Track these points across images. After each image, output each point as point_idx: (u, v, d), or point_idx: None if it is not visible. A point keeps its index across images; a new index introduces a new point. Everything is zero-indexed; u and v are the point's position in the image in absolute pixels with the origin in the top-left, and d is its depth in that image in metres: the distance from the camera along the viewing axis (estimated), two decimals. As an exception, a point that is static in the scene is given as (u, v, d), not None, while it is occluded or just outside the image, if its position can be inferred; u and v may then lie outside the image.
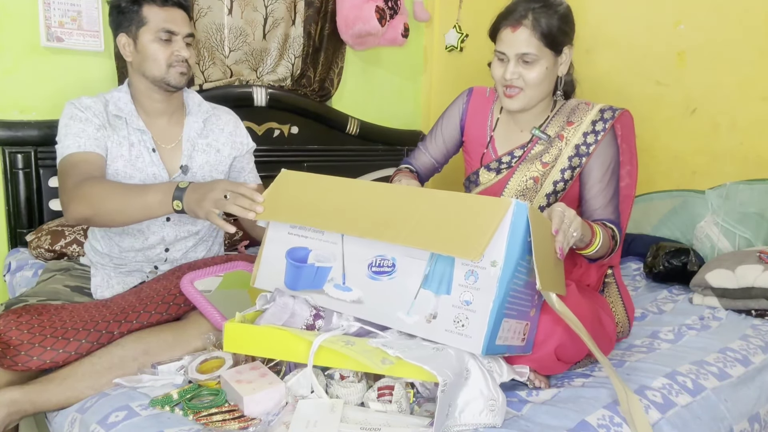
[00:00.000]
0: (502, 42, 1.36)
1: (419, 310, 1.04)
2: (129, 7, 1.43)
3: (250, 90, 2.40)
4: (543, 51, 1.33)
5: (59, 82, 2.05)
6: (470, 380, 1.02)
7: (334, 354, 1.03)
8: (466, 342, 0.99)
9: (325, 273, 1.15)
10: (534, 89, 1.37)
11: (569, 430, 1.03)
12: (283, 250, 1.20)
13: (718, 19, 2.11)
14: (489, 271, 0.98)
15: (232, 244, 2.07)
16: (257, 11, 2.46)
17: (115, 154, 1.47)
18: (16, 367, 1.18)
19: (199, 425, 1.03)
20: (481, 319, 0.98)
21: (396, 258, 1.07)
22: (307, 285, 1.17)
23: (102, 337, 1.25)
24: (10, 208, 2.00)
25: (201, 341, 1.30)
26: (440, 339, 1.02)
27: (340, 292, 1.13)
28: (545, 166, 1.41)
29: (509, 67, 1.36)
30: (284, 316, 1.13)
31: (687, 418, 1.15)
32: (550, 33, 1.32)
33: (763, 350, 1.47)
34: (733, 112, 2.10)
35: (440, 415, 0.94)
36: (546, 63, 1.35)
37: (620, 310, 1.46)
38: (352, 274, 1.12)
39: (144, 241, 1.52)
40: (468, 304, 1.00)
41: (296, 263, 1.18)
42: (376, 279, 1.09)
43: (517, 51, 1.34)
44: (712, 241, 2.09)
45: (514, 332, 1.06)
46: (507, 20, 1.35)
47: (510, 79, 1.36)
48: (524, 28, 1.32)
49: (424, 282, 1.04)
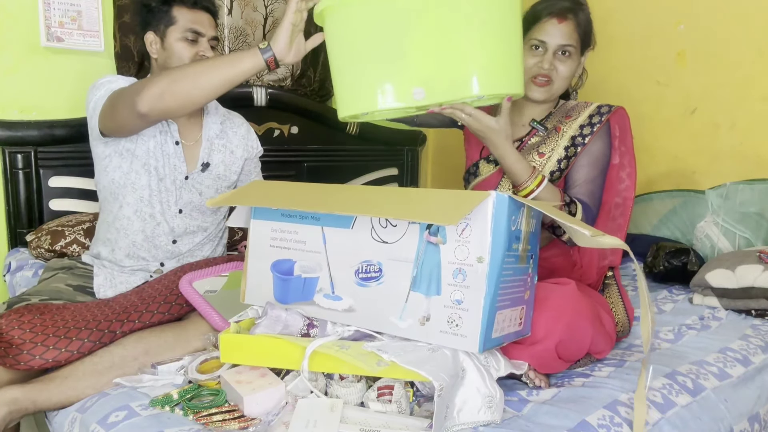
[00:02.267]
0: (545, 31, 1.37)
1: (411, 313, 1.03)
2: (159, 7, 1.50)
3: (250, 90, 2.40)
4: (577, 47, 1.39)
5: (59, 82, 2.05)
6: (466, 379, 1.01)
7: (329, 358, 1.04)
8: (462, 342, 0.99)
9: (313, 283, 1.14)
10: (562, 82, 1.41)
11: (569, 430, 1.03)
12: (267, 263, 1.20)
13: (718, 19, 2.11)
14: (476, 268, 0.98)
15: (232, 245, 2.07)
16: (257, 11, 2.46)
17: (147, 134, 1.50)
18: (19, 366, 1.18)
19: (199, 425, 1.03)
20: (474, 317, 0.98)
21: (382, 262, 1.06)
22: (297, 297, 1.16)
23: (104, 337, 1.25)
24: (10, 208, 2.00)
25: (201, 341, 1.30)
26: (436, 341, 1.01)
27: (330, 301, 1.12)
28: (542, 156, 1.42)
29: (547, 57, 1.38)
30: (277, 327, 1.13)
31: (687, 418, 1.15)
32: (587, 31, 1.40)
33: (763, 350, 1.47)
34: (733, 112, 2.10)
35: (438, 418, 0.94)
36: (577, 59, 1.41)
37: (620, 310, 1.47)
38: (340, 282, 1.11)
39: (155, 228, 1.53)
40: (459, 303, 0.99)
41: (283, 276, 1.17)
42: (365, 285, 1.08)
43: (560, 42, 1.37)
44: (712, 241, 2.09)
45: (510, 321, 1.05)
46: (553, 11, 1.37)
47: (547, 69, 1.38)
48: (570, 21, 1.37)
49: (413, 285, 1.03)
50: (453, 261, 1.00)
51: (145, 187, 1.51)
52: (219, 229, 1.68)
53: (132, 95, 1.31)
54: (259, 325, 1.14)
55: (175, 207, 1.55)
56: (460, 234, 1.00)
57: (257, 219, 1.23)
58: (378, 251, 1.07)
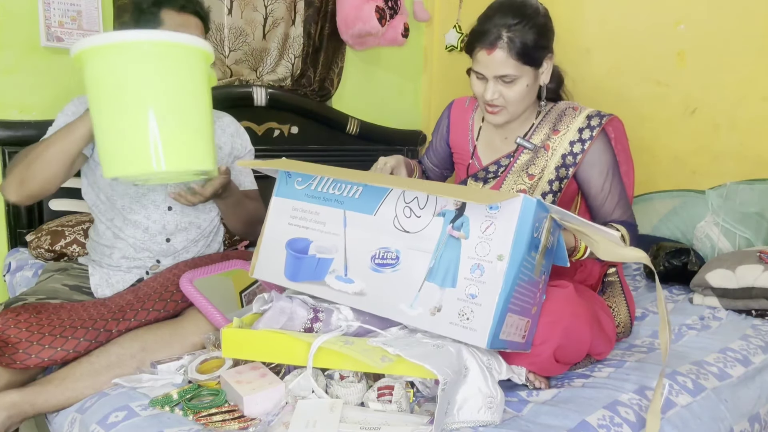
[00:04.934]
0: (479, 63, 1.32)
1: (423, 302, 1.03)
2: (149, 9, 1.50)
3: (250, 90, 2.40)
4: (522, 69, 1.29)
5: (59, 82, 2.05)
6: (469, 377, 1.02)
7: (334, 354, 1.03)
8: (471, 335, 0.98)
9: (327, 264, 1.14)
10: (516, 105, 1.34)
11: (569, 430, 1.03)
12: (283, 240, 1.20)
13: (718, 19, 2.11)
14: (495, 265, 0.98)
15: (232, 244, 2.07)
16: (257, 11, 2.46)
17: None
18: (15, 365, 1.18)
19: (199, 425, 1.03)
20: (486, 313, 0.98)
21: (400, 251, 1.07)
22: (308, 276, 1.16)
23: (100, 336, 1.25)
24: (10, 208, 2.00)
25: (198, 337, 1.31)
26: (444, 332, 1.01)
27: (341, 283, 1.12)
28: (531, 179, 1.39)
29: (489, 87, 1.32)
30: (282, 319, 1.13)
31: (687, 418, 1.15)
32: (527, 52, 1.27)
33: (763, 350, 1.47)
34: (733, 112, 2.10)
35: (440, 413, 0.94)
36: (527, 80, 1.31)
37: (623, 309, 1.46)
38: (354, 265, 1.11)
39: (145, 231, 1.53)
40: (473, 297, 0.99)
41: (297, 254, 1.18)
42: (379, 271, 1.08)
43: (494, 73, 1.30)
44: (712, 241, 2.09)
45: (516, 328, 1.05)
46: (481, 42, 1.29)
47: (491, 99, 1.33)
48: (499, 50, 1.27)
49: (429, 275, 1.03)
50: (473, 256, 1.00)
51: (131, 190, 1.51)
52: (212, 225, 1.67)
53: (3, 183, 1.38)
54: (264, 315, 1.14)
55: (164, 205, 1.55)
56: (484, 231, 1.01)
57: (280, 196, 1.24)
58: (398, 239, 1.08)
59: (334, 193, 1.17)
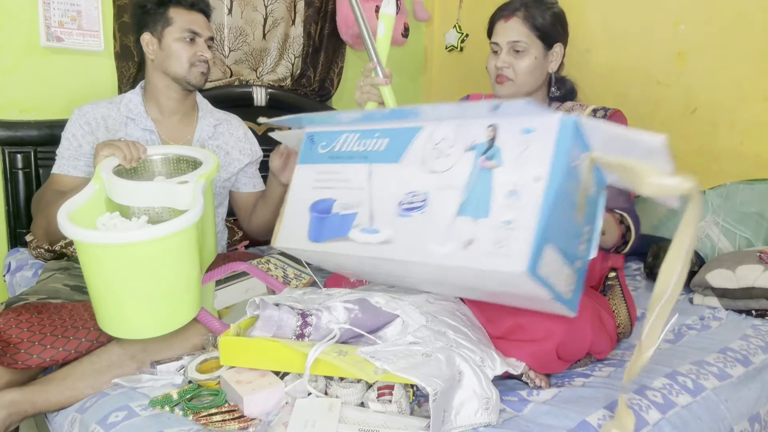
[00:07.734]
0: (496, 33, 1.44)
1: (454, 237, 0.98)
2: (155, 9, 1.54)
3: (249, 90, 2.40)
4: (533, 41, 1.41)
5: (59, 82, 2.05)
6: (464, 382, 1.01)
7: (329, 365, 1.03)
8: (507, 262, 0.90)
9: (350, 220, 1.12)
10: (524, 77, 1.43)
11: (570, 430, 1.03)
12: (306, 205, 1.20)
13: (718, 19, 2.11)
14: (532, 187, 0.91)
15: (232, 244, 2.07)
16: (257, 11, 2.46)
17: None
18: (16, 365, 1.18)
19: (199, 425, 1.03)
20: (524, 236, 0.89)
21: (429, 192, 1.04)
22: (333, 234, 1.14)
23: (101, 336, 1.25)
24: (10, 208, 2.00)
25: (198, 338, 1.30)
26: (478, 264, 0.94)
27: (366, 235, 1.09)
28: None
29: (501, 56, 1.43)
30: (272, 328, 1.12)
31: (687, 418, 1.15)
32: (542, 25, 1.40)
33: (763, 350, 1.47)
34: (733, 112, 2.10)
35: (436, 422, 0.94)
36: (535, 53, 1.41)
37: (623, 311, 1.46)
38: (379, 215, 1.09)
39: None
40: (509, 223, 0.92)
41: (320, 215, 1.17)
42: (407, 216, 1.05)
43: (508, 39, 1.41)
44: (712, 241, 2.09)
45: (559, 272, 0.96)
46: (500, 14, 1.44)
47: (501, 68, 1.42)
48: (516, 18, 1.41)
49: (461, 209, 0.99)
50: (507, 182, 0.94)
51: None
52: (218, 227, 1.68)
53: (32, 228, 1.47)
54: (254, 326, 1.14)
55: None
56: (518, 156, 0.95)
57: (303, 164, 1.24)
58: (425, 182, 1.05)
59: (358, 150, 1.16)
